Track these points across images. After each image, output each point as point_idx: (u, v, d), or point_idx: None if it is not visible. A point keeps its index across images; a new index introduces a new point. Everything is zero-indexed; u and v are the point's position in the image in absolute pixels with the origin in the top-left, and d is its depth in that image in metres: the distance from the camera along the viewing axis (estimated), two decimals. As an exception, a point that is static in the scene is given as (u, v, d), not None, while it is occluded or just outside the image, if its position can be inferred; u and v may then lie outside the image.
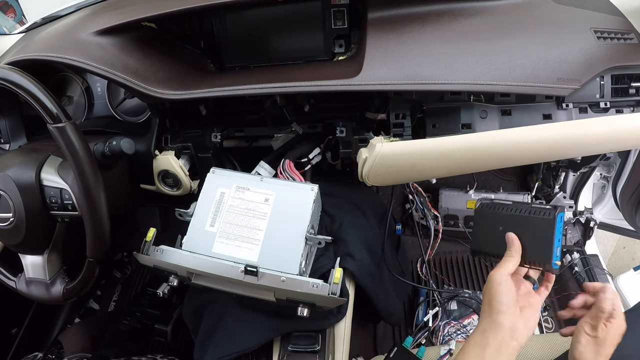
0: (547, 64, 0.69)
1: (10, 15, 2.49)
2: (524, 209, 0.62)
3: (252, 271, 0.65)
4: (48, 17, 1.00)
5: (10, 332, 1.17)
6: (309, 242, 0.70)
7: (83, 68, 0.74)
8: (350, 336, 0.81)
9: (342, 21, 0.81)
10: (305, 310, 0.67)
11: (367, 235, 0.90)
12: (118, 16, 0.78)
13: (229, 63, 0.88)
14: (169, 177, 0.88)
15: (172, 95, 0.75)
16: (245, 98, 0.88)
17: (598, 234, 1.35)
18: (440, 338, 1.12)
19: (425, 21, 0.73)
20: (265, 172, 0.86)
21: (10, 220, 0.74)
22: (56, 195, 0.74)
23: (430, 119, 0.76)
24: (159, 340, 1.11)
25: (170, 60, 0.82)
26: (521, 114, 0.75)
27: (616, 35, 0.72)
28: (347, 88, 0.69)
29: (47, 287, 0.80)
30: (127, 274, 1.47)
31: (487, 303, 0.58)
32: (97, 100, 1.00)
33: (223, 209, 0.73)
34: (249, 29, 0.85)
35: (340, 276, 0.66)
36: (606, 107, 0.73)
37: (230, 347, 0.75)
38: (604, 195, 1.22)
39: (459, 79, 0.68)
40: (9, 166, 0.74)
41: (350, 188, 0.96)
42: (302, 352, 0.73)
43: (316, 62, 0.84)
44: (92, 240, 0.73)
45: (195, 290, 0.87)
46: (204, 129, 0.88)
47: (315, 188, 0.74)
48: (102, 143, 0.76)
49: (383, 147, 0.72)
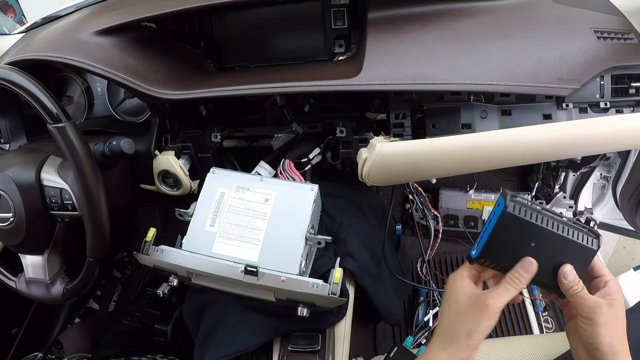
0: (547, 64, 0.69)
1: (10, 15, 2.49)
2: (566, 227, 0.49)
3: (252, 271, 0.65)
4: (48, 17, 1.00)
5: (10, 332, 1.17)
6: (309, 242, 0.70)
7: (83, 68, 0.74)
8: (350, 336, 0.81)
9: (342, 21, 0.81)
10: (305, 310, 0.67)
11: (367, 235, 0.90)
12: (118, 16, 0.78)
13: (229, 63, 0.88)
14: (169, 177, 0.88)
15: (172, 95, 0.75)
16: (245, 98, 0.88)
17: (598, 234, 1.34)
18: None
19: (425, 21, 0.73)
20: (265, 172, 0.86)
21: (10, 220, 0.74)
22: (56, 195, 0.74)
23: (430, 119, 0.76)
24: (159, 340, 1.11)
25: (170, 60, 0.82)
26: (521, 114, 0.74)
27: (616, 35, 0.72)
28: (347, 88, 0.69)
29: (47, 287, 0.80)
30: (127, 274, 1.47)
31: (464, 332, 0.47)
32: (97, 100, 1.00)
33: (223, 209, 0.73)
34: (249, 29, 0.85)
35: (340, 276, 0.66)
36: (606, 107, 0.73)
37: (230, 347, 0.75)
38: (604, 195, 1.22)
39: (459, 79, 0.68)
40: (9, 166, 0.74)
41: (350, 188, 0.96)
42: (302, 352, 0.73)
43: (316, 62, 0.84)
44: (92, 240, 0.73)
45: (195, 290, 0.87)
46: (204, 129, 0.88)
47: (315, 188, 0.74)
48: (102, 143, 0.76)
49: (383, 147, 0.72)
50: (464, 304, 0.48)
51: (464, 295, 0.49)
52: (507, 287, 0.47)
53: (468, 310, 0.47)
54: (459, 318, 0.48)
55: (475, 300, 0.47)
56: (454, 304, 0.49)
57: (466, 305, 0.48)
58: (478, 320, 0.46)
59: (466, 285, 0.50)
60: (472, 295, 0.48)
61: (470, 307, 0.47)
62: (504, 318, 1.22)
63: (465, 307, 0.48)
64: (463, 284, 0.50)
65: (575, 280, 0.48)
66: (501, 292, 0.47)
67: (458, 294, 0.49)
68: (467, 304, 0.48)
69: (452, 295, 0.50)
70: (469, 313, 0.47)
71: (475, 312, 0.47)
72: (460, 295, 0.49)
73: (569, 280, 0.48)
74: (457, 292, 0.49)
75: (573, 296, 0.48)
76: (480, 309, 0.46)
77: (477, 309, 0.47)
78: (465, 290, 0.49)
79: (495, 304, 0.46)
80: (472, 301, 0.48)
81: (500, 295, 0.47)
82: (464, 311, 0.48)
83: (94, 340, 1.04)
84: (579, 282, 0.48)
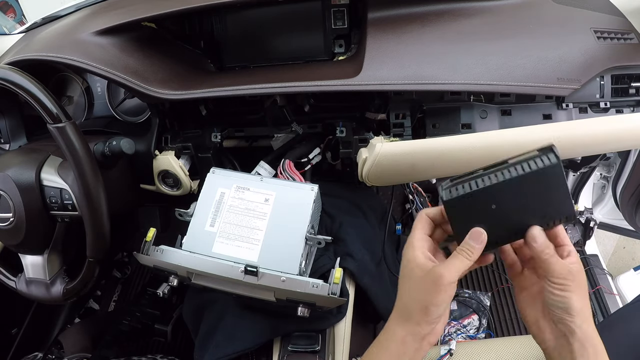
0: (547, 64, 0.69)
1: (10, 15, 2.49)
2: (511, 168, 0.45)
3: (252, 271, 0.65)
4: (48, 17, 1.00)
5: (10, 332, 1.17)
6: (309, 242, 0.70)
7: (83, 68, 0.74)
8: (350, 336, 0.81)
9: (342, 21, 0.81)
10: (305, 310, 0.67)
11: (367, 235, 0.90)
12: (118, 16, 0.78)
13: (229, 63, 0.88)
14: (169, 177, 0.88)
15: (172, 95, 0.75)
16: (245, 98, 0.88)
17: (598, 234, 1.35)
18: (440, 338, 1.12)
19: (425, 21, 0.73)
20: (265, 172, 0.86)
21: (10, 220, 0.74)
22: (56, 195, 0.74)
23: (430, 119, 0.76)
24: (159, 340, 1.11)
25: (170, 60, 0.82)
26: (521, 114, 0.74)
27: (616, 35, 0.72)
28: (347, 88, 0.69)
29: (47, 287, 0.80)
30: (127, 274, 1.47)
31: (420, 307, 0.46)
32: (97, 100, 1.00)
33: (223, 209, 0.73)
34: (249, 29, 0.85)
35: (340, 276, 0.66)
36: (606, 107, 0.73)
37: (230, 347, 0.75)
38: (604, 195, 1.22)
39: (459, 79, 0.68)
40: (9, 166, 0.75)
41: (350, 188, 0.96)
42: (302, 352, 0.73)
43: (316, 62, 0.84)
44: (92, 240, 0.73)
45: (195, 290, 0.87)
46: (204, 129, 0.88)
47: (315, 188, 0.74)
48: (102, 143, 0.76)
49: (383, 147, 0.72)
50: (418, 278, 0.46)
51: (417, 268, 0.47)
52: (460, 259, 0.46)
53: (421, 285, 0.46)
54: (413, 293, 0.47)
55: (429, 273, 0.45)
56: (408, 278, 0.48)
57: (419, 279, 0.46)
58: (432, 295, 0.45)
59: (419, 257, 0.47)
60: (426, 268, 0.46)
61: (424, 281, 0.46)
62: (504, 318, 1.22)
63: (418, 281, 0.46)
64: (415, 256, 0.47)
65: (546, 243, 0.45)
66: (454, 264, 0.45)
67: (411, 268, 0.47)
68: (421, 278, 0.46)
69: (405, 269, 0.48)
70: (422, 287, 0.46)
71: (429, 286, 0.45)
72: (413, 268, 0.47)
73: (539, 243, 0.45)
74: (410, 266, 0.48)
75: (544, 261, 0.45)
76: (434, 282, 0.45)
77: (430, 282, 0.45)
78: (418, 262, 0.47)
79: (449, 276, 0.44)
80: (426, 274, 0.46)
81: (453, 266, 0.45)
82: (417, 286, 0.46)
83: (94, 340, 1.04)
84: (549, 246, 0.45)
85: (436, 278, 0.45)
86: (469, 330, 1.15)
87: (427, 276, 0.45)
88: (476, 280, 1.30)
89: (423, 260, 0.47)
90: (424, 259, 0.47)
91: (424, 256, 0.47)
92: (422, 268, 0.46)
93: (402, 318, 0.48)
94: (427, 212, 0.51)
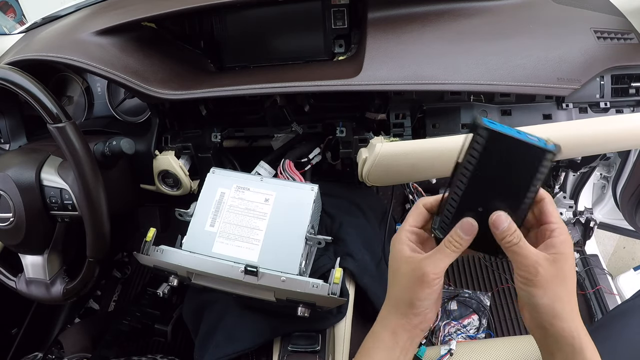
0: (547, 64, 0.69)
1: (10, 15, 2.49)
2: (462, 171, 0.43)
3: (252, 271, 0.65)
4: (48, 17, 1.00)
5: (10, 332, 1.17)
6: (309, 242, 0.70)
7: (83, 68, 0.74)
8: (350, 336, 0.81)
9: (342, 21, 0.81)
10: (305, 311, 0.67)
11: (367, 235, 0.90)
12: (118, 16, 0.78)
13: (229, 63, 0.88)
14: (169, 177, 0.88)
15: (172, 95, 0.75)
16: (245, 98, 0.88)
17: (598, 234, 1.35)
18: (440, 338, 1.12)
19: (425, 21, 0.73)
20: (265, 172, 0.86)
21: (10, 220, 0.74)
22: (56, 195, 0.74)
23: (430, 119, 0.76)
24: (159, 340, 1.11)
25: (170, 60, 0.82)
26: (521, 114, 0.74)
27: (616, 35, 0.72)
28: (347, 88, 0.69)
29: (47, 287, 0.80)
30: (127, 274, 1.47)
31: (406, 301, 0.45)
32: (97, 100, 1.00)
33: (223, 209, 0.73)
34: (249, 29, 0.85)
35: (340, 276, 0.66)
36: (606, 107, 0.73)
37: (230, 347, 0.75)
38: (604, 195, 1.22)
39: (459, 79, 0.68)
40: (9, 166, 0.75)
41: (350, 188, 0.96)
42: (302, 352, 0.73)
43: (316, 62, 0.84)
44: (92, 240, 0.73)
45: (195, 290, 0.87)
46: (204, 129, 0.88)
47: (315, 188, 0.74)
48: (102, 143, 0.76)
49: (383, 147, 0.72)
50: (403, 274, 0.46)
51: (403, 263, 0.46)
52: (445, 252, 0.44)
53: (406, 280, 0.45)
54: (399, 288, 0.46)
55: (414, 268, 0.44)
56: (394, 272, 0.47)
57: (405, 274, 0.45)
58: (418, 291, 0.44)
59: (404, 250, 0.46)
60: (412, 263, 0.45)
61: (409, 277, 0.45)
62: (504, 318, 1.22)
63: (404, 276, 0.45)
64: (401, 250, 0.47)
65: (510, 229, 0.41)
66: (440, 257, 0.44)
67: (397, 262, 0.47)
68: (407, 272, 0.45)
69: (392, 263, 0.48)
70: (407, 283, 0.45)
71: (414, 282, 0.44)
72: (399, 263, 0.46)
73: (501, 229, 0.41)
74: (396, 260, 0.47)
75: (507, 250, 0.42)
76: (419, 277, 0.44)
77: (415, 277, 0.44)
78: (403, 255, 0.46)
79: (434, 271, 0.43)
80: (412, 270, 0.45)
81: (439, 260, 0.44)
82: (403, 280, 0.46)
83: (94, 340, 1.04)
84: (514, 232, 0.41)
85: (421, 275, 0.44)
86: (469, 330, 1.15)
87: (412, 272, 0.45)
88: (476, 280, 1.30)
89: (409, 253, 0.46)
90: (409, 253, 0.46)
91: (410, 249, 0.46)
92: (408, 262, 0.45)
93: (393, 308, 0.48)
94: (424, 202, 0.50)
